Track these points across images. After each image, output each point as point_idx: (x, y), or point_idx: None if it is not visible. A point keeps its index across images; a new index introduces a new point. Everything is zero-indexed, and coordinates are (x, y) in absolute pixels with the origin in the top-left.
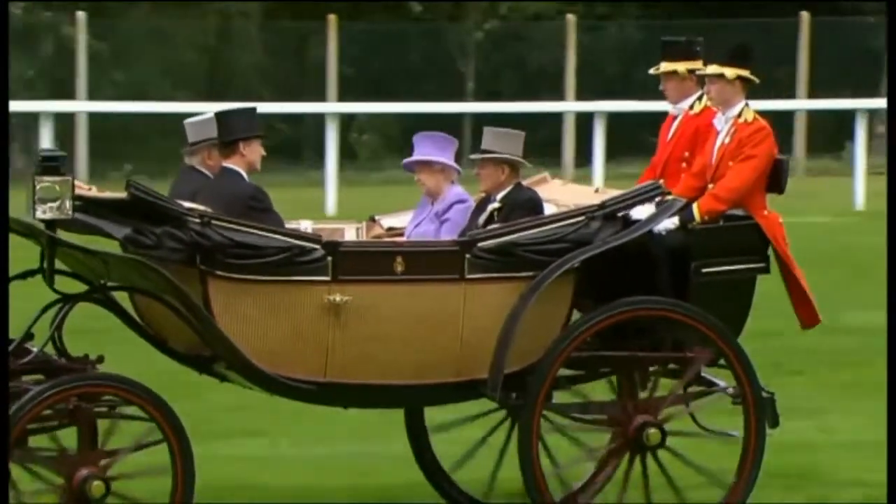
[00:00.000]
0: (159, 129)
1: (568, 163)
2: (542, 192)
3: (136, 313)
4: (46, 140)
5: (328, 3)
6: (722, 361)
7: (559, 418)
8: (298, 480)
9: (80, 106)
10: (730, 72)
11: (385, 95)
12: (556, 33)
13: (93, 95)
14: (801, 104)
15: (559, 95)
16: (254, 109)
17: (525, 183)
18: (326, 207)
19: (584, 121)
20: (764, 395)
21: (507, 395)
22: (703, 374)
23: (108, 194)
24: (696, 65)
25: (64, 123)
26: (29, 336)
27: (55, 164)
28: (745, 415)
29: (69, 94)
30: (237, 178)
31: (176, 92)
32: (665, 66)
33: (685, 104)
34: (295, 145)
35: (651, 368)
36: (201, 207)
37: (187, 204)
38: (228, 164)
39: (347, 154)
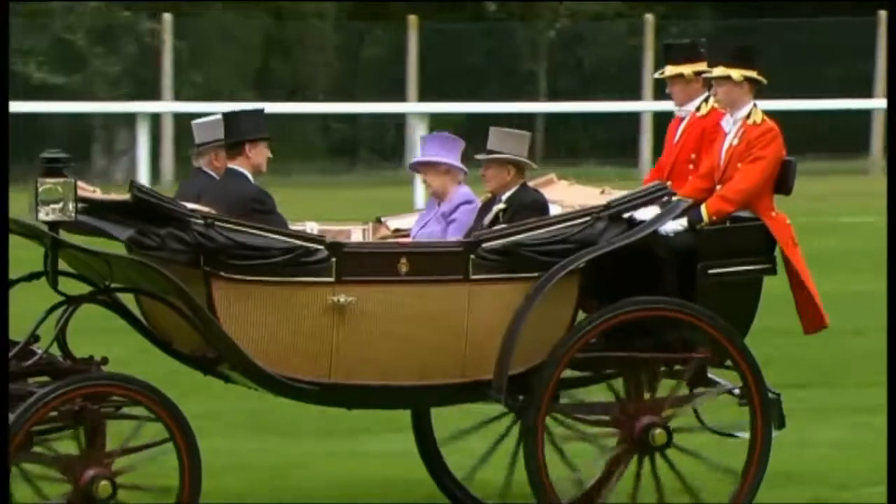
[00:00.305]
0: None
1: (646, 161)
2: (549, 193)
3: (142, 314)
4: (143, 141)
5: (409, 3)
6: (728, 362)
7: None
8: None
9: (166, 107)
10: (736, 73)
11: (455, 95)
12: (626, 32)
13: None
14: (878, 103)
15: (635, 95)
16: (261, 111)
17: (531, 184)
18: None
19: (661, 120)
20: (770, 396)
21: (513, 397)
22: (708, 376)
23: (111, 196)
24: (701, 66)
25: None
26: (34, 338)
27: (58, 166)
28: (752, 416)
29: (151, 95)
30: (242, 179)
31: (248, 92)
32: (670, 70)
33: (692, 106)
34: (351, 144)
35: (660, 369)
36: (205, 209)
37: (190, 205)
38: (234, 165)
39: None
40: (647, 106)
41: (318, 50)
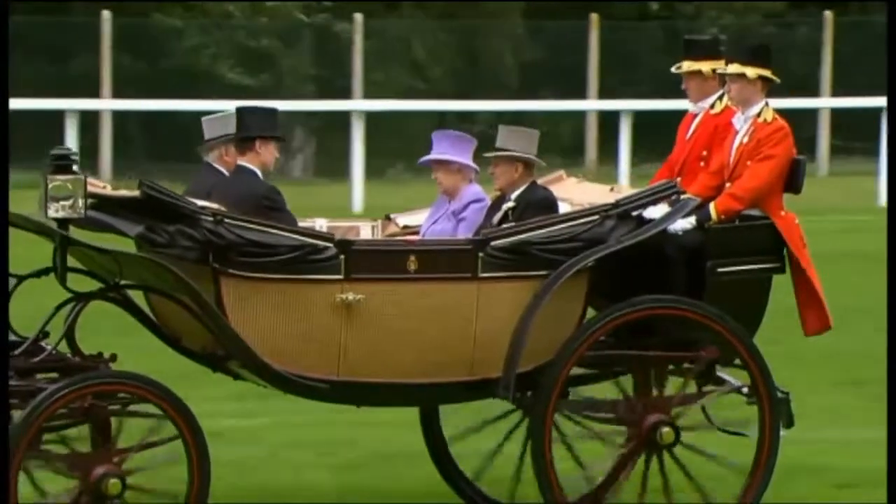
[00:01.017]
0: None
1: (822, 158)
2: (558, 190)
3: (151, 311)
4: (358, 138)
5: (586, 3)
6: (737, 361)
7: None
8: None
9: (355, 105)
10: (751, 71)
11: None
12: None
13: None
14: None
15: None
16: (275, 110)
17: (541, 181)
18: None
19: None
20: (779, 394)
21: (522, 395)
22: (717, 374)
23: (121, 192)
24: (719, 64)
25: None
26: (43, 334)
27: (67, 163)
28: (760, 414)
29: (339, 94)
30: (252, 176)
31: (431, 90)
32: (688, 66)
33: (706, 103)
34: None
35: (670, 367)
36: (214, 206)
37: (200, 202)
38: (243, 161)
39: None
40: (825, 103)
41: (502, 48)
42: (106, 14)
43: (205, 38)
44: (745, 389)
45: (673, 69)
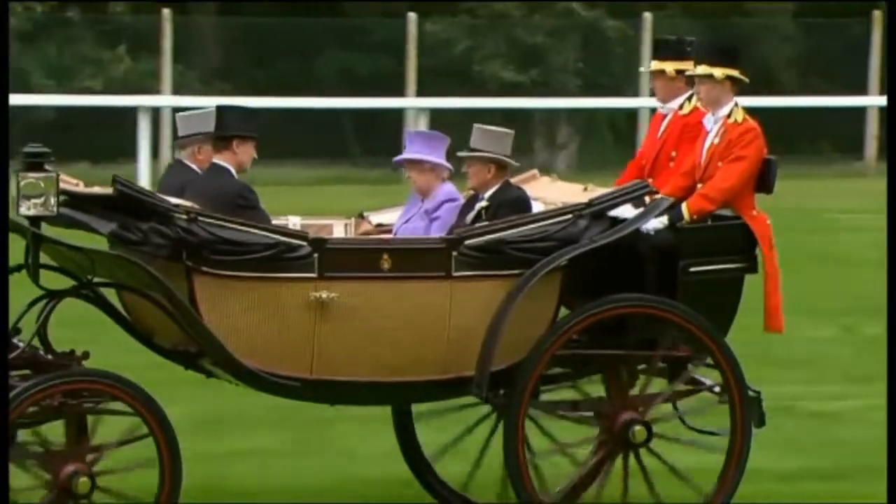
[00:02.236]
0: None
1: (871, 157)
2: (532, 189)
3: (124, 309)
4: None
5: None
6: (709, 360)
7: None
8: None
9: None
10: (718, 72)
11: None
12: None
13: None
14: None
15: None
16: (255, 110)
17: (515, 179)
18: None
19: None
20: (750, 393)
21: (495, 393)
22: (690, 373)
23: (94, 190)
24: (686, 65)
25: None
26: (16, 331)
27: (39, 161)
28: (731, 414)
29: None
30: (226, 174)
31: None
32: (654, 66)
33: (674, 103)
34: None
35: (640, 367)
36: (188, 203)
37: (174, 200)
38: (218, 159)
39: None
40: (872, 101)
41: (780, 45)
42: (412, 16)
43: (478, 38)
44: (717, 388)
45: (641, 69)
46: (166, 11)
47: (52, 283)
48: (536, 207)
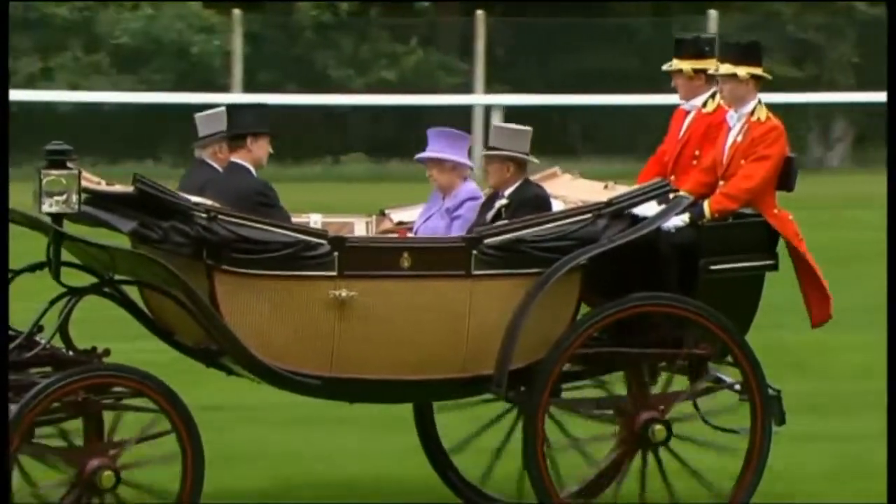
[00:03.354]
0: None
1: None
2: (552, 187)
3: (146, 306)
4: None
5: None
6: (729, 358)
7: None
8: None
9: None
10: (742, 71)
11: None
12: None
13: None
14: None
15: None
16: (266, 106)
17: (535, 177)
18: None
19: None
20: (770, 392)
21: (516, 392)
22: (710, 371)
23: (115, 188)
24: (705, 64)
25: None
26: (38, 329)
27: (61, 158)
28: (752, 412)
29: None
30: (245, 173)
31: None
32: (674, 65)
33: (697, 101)
34: None
35: (661, 365)
36: (208, 202)
37: (194, 198)
38: (236, 158)
39: None
40: None
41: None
42: (712, 13)
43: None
44: (738, 387)
45: (664, 67)
46: (480, 13)
47: (74, 281)
48: (556, 206)
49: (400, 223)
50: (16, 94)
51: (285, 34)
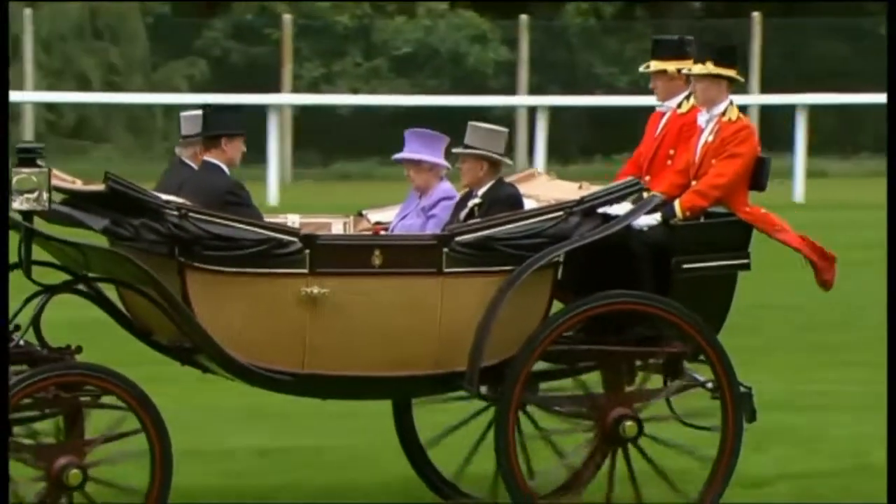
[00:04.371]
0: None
1: None
2: (529, 187)
3: (122, 304)
4: None
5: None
6: (702, 357)
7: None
8: None
9: None
10: (714, 71)
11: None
12: None
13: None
14: None
15: None
16: (240, 107)
17: (514, 177)
18: None
19: None
20: (742, 390)
21: (492, 388)
22: (684, 369)
23: (87, 186)
24: (686, 64)
25: None
26: (15, 327)
27: (32, 156)
28: (723, 410)
29: None
30: (218, 172)
31: None
32: (655, 65)
33: (673, 102)
34: None
35: (638, 363)
36: (179, 200)
37: (165, 196)
38: (209, 158)
39: None
40: None
41: None
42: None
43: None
44: (710, 384)
45: (641, 69)
46: (756, 15)
47: (49, 280)
48: (529, 205)
49: (377, 223)
50: (300, 98)
51: (547, 37)
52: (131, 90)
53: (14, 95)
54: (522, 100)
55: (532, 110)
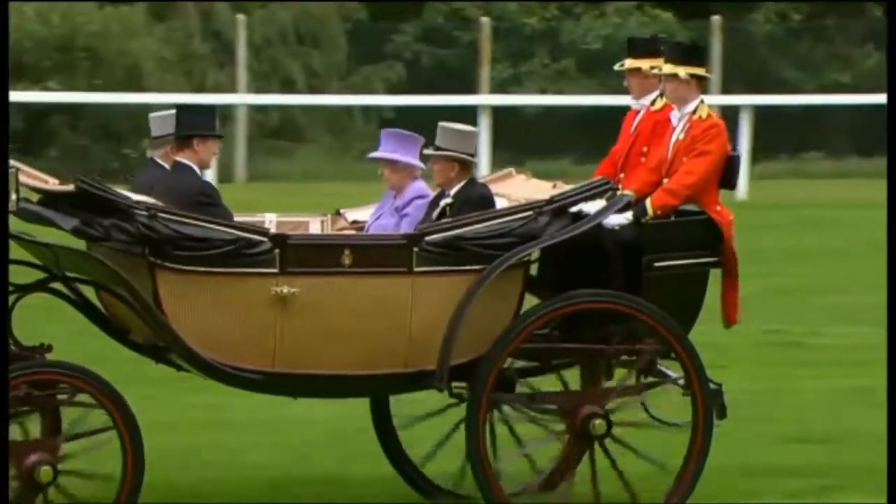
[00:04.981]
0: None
1: None
2: (505, 187)
3: (101, 304)
4: None
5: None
6: (672, 354)
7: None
8: None
9: None
10: (683, 71)
11: None
12: None
13: None
14: None
15: None
16: (213, 108)
17: (490, 177)
18: None
19: None
20: (711, 386)
21: (470, 386)
22: (657, 366)
23: (58, 186)
24: (660, 62)
25: None
26: None
27: None
28: (693, 407)
29: None
30: (189, 172)
31: None
32: (629, 63)
33: (647, 100)
34: None
35: (614, 360)
36: (150, 200)
37: (135, 196)
38: (181, 158)
39: None
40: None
41: None
42: None
43: None
44: (682, 381)
45: (616, 67)
46: None
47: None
48: (501, 204)
49: (354, 222)
50: (488, 99)
51: (736, 38)
52: (331, 93)
53: (228, 98)
54: (715, 99)
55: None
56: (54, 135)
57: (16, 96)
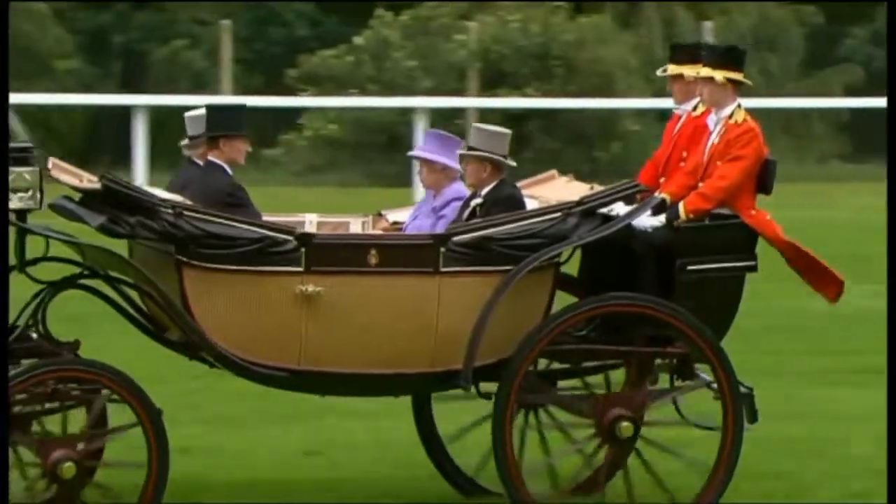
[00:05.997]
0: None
1: None
2: (543, 189)
3: (142, 302)
4: None
5: None
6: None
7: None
8: None
9: None
10: (719, 75)
11: None
12: None
13: None
14: None
15: None
16: (242, 107)
17: (532, 180)
18: None
19: None
20: (742, 390)
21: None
22: (691, 369)
23: (85, 184)
24: (701, 68)
25: None
26: (34, 322)
27: (25, 156)
28: (723, 410)
29: None
30: (219, 172)
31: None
32: (671, 69)
33: (689, 105)
34: None
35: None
36: (178, 198)
37: (163, 194)
38: (212, 157)
39: None
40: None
41: None
42: None
43: None
44: (716, 385)
45: (658, 72)
46: None
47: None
48: (531, 206)
49: (395, 223)
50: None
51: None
52: (785, 96)
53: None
54: None
55: None
56: (530, 138)
57: (495, 102)
